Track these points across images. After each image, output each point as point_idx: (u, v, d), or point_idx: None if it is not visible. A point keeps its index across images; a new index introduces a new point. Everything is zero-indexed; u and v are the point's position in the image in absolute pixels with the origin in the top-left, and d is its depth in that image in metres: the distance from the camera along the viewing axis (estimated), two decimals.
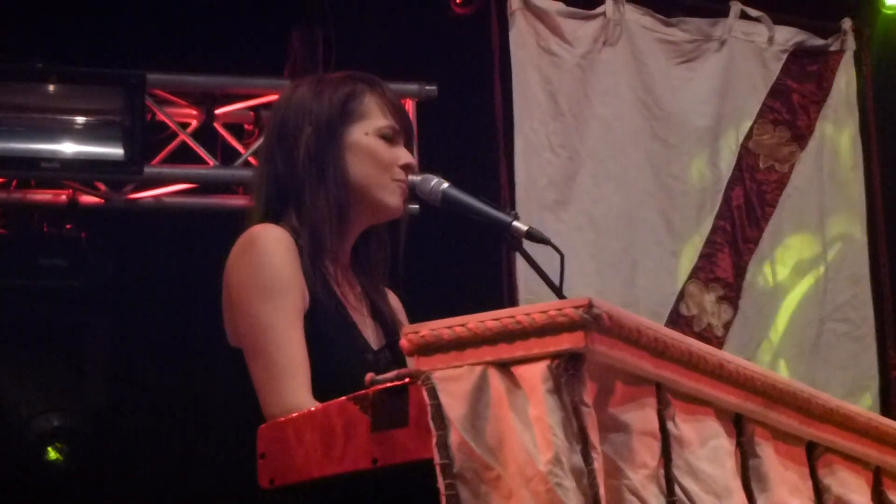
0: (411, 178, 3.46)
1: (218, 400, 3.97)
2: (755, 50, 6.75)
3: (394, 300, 3.64)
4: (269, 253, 3.37)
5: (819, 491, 3.26)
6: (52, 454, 6.53)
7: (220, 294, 3.33)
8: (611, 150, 6.53)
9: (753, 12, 6.66)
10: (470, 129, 6.49)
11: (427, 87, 6.35)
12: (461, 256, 5.81)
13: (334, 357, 3.35)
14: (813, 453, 3.27)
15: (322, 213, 3.47)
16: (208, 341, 4.04)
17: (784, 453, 3.23)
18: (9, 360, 6.83)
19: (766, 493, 3.09)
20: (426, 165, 3.67)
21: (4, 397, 6.74)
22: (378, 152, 3.51)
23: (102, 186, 6.42)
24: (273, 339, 3.30)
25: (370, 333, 3.47)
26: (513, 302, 5.34)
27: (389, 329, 3.36)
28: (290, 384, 3.24)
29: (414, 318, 3.46)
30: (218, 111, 6.40)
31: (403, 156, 3.48)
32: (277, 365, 3.27)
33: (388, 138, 3.51)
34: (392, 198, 3.49)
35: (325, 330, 3.37)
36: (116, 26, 6.49)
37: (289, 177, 3.50)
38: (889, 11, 7.05)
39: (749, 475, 3.10)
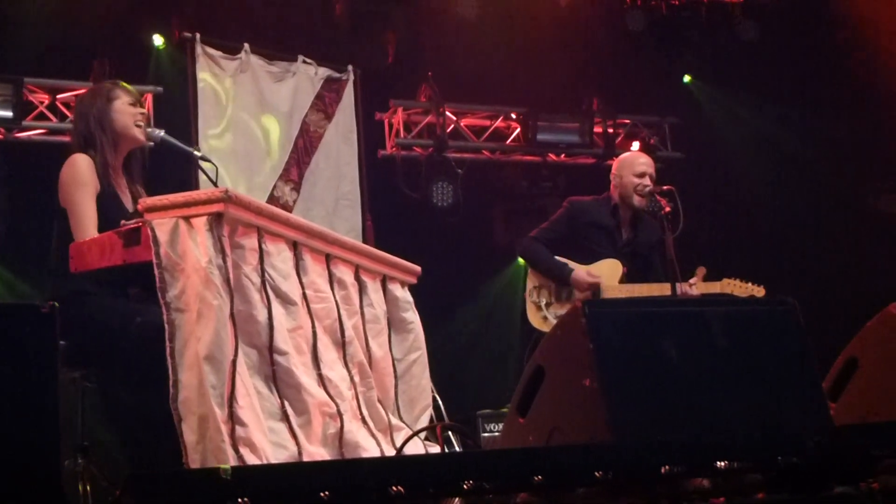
0: (146, 128, 3.97)
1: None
2: (309, 77, 7.52)
3: (142, 190, 3.99)
4: (78, 166, 3.79)
5: (330, 274, 3.78)
6: None
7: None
8: (244, 117, 7.26)
9: (309, 60, 7.46)
10: (179, 108, 7.02)
11: (157, 88, 7.10)
12: (172, 169, 5.39)
13: (109, 215, 3.67)
14: (329, 259, 3.78)
15: (106, 146, 3.89)
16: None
17: (316, 259, 3.70)
18: None
19: (307, 276, 3.61)
20: (159, 125, 4.52)
21: None
22: (129, 111, 3.95)
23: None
24: (77, 207, 3.71)
25: (129, 205, 3.86)
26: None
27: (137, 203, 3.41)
28: (85, 228, 3.65)
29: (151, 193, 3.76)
30: (58, 96, 7.03)
31: (141, 114, 3.99)
32: (79, 218, 3.68)
33: (133, 105, 3.97)
34: (138, 134, 3.95)
35: (106, 202, 3.78)
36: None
37: (87, 131, 3.91)
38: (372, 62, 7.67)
39: (299, 268, 3.58)
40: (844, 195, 7.73)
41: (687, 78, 8.83)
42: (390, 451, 3.62)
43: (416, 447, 3.68)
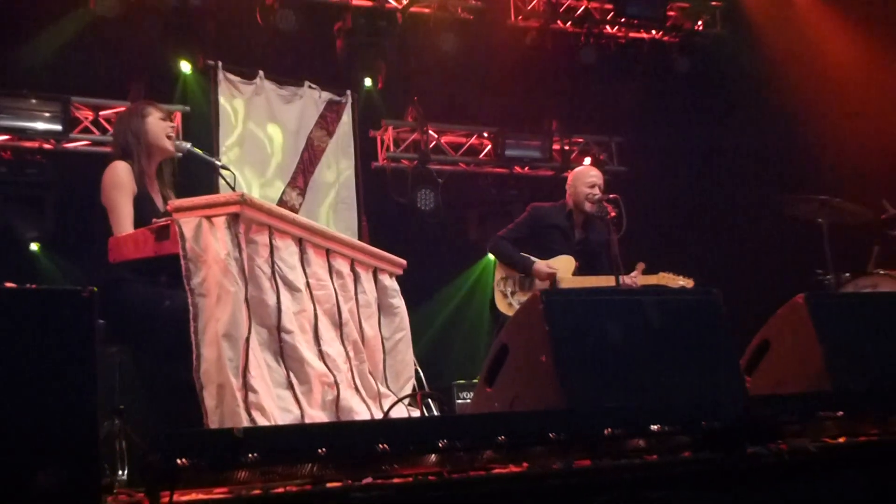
0: (175, 141, 3.90)
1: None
2: (314, 100, 7.40)
3: (171, 193, 3.91)
4: (117, 171, 3.72)
5: (330, 266, 3.71)
6: None
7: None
8: (254, 129, 7.13)
9: (314, 86, 7.35)
10: (203, 125, 6.97)
11: (184, 107, 7.01)
12: (196, 175, 5.21)
13: (143, 214, 3.63)
14: (329, 253, 3.72)
15: (141, 155, 3.82)
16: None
17: (317, 253, 3.64)
18: None
19: (310, 267, 3.54)
20: (185, 138, 4.53)
21: None
22: (160, 125, 3.88)
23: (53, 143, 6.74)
24: (116, 206, 3.63)
25: (161, 206, 3.80)
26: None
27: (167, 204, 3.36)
28: (123, 225, 3.59)
29: (178, 195, 3.81)
30: (101, 113, 6.98)
31: (171, 127, 3.93)
32: (117, 216, 3.62)
33: (164, 120, 3.89)
34: (168, 146, 3.87)
35: (141, 203, 3.71)
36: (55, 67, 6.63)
37: (125, 142, 3.84)
38: (366, 88, 7.77)
39: (303, 261, 3.52)
40: (761, 202, 7.68)
41: (630, 104, 8.65)
42: (379, 415, 3.59)
43: (400, 412, 3.65)
